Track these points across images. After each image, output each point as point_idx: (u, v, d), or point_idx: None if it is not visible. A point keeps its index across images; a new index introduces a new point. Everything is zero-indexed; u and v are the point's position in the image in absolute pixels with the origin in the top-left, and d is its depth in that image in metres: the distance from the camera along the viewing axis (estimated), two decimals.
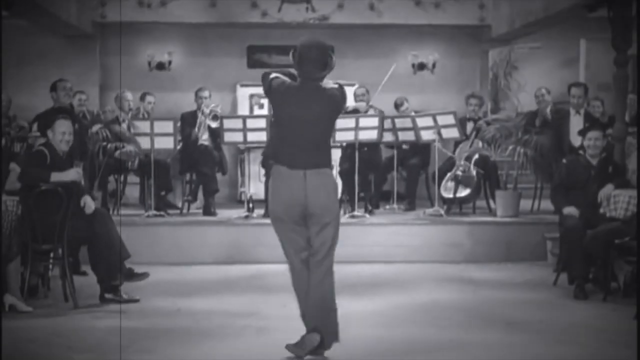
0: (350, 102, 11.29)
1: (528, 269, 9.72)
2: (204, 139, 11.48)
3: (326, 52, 5.89)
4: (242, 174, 12.96)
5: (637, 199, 7.69)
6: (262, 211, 10.85)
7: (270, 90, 5.97)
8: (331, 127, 6.11)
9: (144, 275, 7.85)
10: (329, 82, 5.97)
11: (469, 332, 6.76)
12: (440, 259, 10.16)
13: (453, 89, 14.05)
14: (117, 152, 10.71)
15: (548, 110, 11.50)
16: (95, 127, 10.63)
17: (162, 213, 10.85)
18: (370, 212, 11.10)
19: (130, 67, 14.03)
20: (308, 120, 5.81)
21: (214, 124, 11.28)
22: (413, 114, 11.74)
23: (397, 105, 12.43)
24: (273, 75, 5.99)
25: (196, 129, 11.40)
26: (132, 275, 7.80)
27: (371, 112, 11.34)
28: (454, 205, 11.41)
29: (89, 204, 7.70)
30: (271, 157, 6.03)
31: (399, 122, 11.44)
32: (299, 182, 5.76)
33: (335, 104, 5.94)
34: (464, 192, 11.15)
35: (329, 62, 5.85)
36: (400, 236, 10.35)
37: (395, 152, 11.70)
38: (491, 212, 11.34)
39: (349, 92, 11.46)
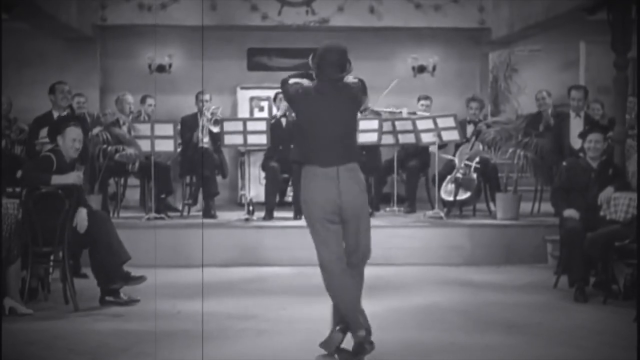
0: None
1: (528, 272, 9.72)
2: (205, 141, 11.49)
3: (345, 54, 5.98)
4: (242, 177, 12.99)
5: (637, 201, 7.68)
6: (262, 214, 10.87)
7: (290, 97, 6.06)
8: (354, 120, 6.18)
9: (141, 279, 7.84)
10: (348, 78, 6.06)
11: (469, 334, 6.77)
12: (440, 261, 10.16)
13: (453, 92, 14.05)
14: (117, 155, 10.72)
15: (549, 112, 11.53)
16: (96, 130, 10.64)
17: (162, 216, 10.86)
18: (371, 215, 11.06)
19: (130, 70, 14.06)
20: (331, 117, 5.89)
21: (215, 129, 11.29)
22: (419, 114, 11.76)
23: (418, 99, 12.43)
24: (292, 81, 6.05)
25: (197, 131, 11.41)
26: (128, 279, 7.79)
27: (370, 115, 11.39)
28: (454, 208, 11.42)
29: (81, 222, 7.66)
30: (298, 159, 6.06)
31: (399, 125, 11.45)
32: (332, 179, 5.81)
33: (353, 97, 6.05)
34: (464, 195, 11.16)
35: (347, 65, 5.96)
36: (400, 238, 10.35)
37: (395, 154, 11.70)
38: (491, 214, 11.35)
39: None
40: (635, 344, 6.10)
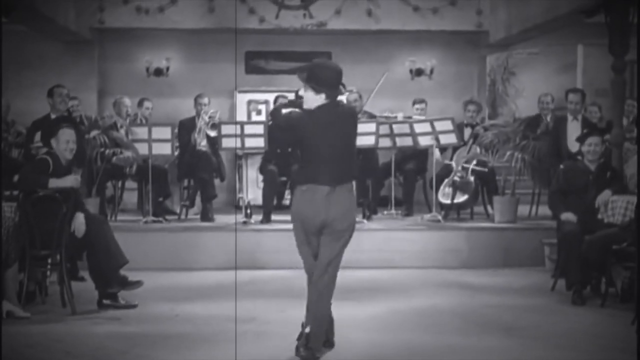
0: None
1: (526, 275, 9.72)
2: (202, 145, 11.49)
3: (341, 75, 6.03)
4: (240, 180, 12.96)
5: (636, 204, 7.67)
6: (259, 217, 10.86)
7: (291, 125, 6.10)
8: (353, 141, 6.25)
9: (138, 284, 7.84)
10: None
11: (466, 337, 6.77)
12: (437, 264, 10.16)
13: (451, 95, 14.07)
14: (114, 158, 10.71)
15: (549, 117, 11.55)
16: (93, 133, 10.63)
17: (160, 219, 10.84)
18: (368, 218, 11.10)
19: (128, 73, 14.07)
20: (333, 138, 5.97)
21: (212, 133, 11.27)
22: (414, 117, 11.76)
23: (413, 102, 12.42)
24: (285, 111, 6.14)
25: (195, 134, 11.40)
26: (125, 284, 7.79)
27: (364, 117, 11.39)
28: (451, 211, 11.42)
29: (79, 227, 7.67)
30: (296, 178, 6.14)
31: (397, 128, 11.45)
32: (323, 196, 5.94)
33: (353, 118, 6.25)
34: (461, 198, 11.15)
35: (342, 84, 6.06)
36: (398, 242, 10.35)
37: (392, 157, 11.69)
38: (489, 217, 11.35)
39: (343, 97, 11.55)
40: (633, 347, 6.12)
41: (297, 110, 6.11)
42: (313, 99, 5.98)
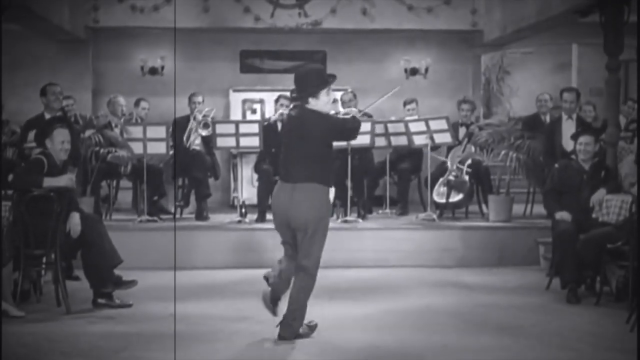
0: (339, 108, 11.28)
1: (520, 274, 9.72)
2: (196, 144, 11.47)
3: (305, 78, 6.49)
4: (235, 179, 12.96)
5: (631, 203, 7.67)
6: (254, 216, 10.85)
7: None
8: (325, 144, 6.51)
9: (132, 283, 7.84)
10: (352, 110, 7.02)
11: (461, 336, 6.77)
12: (433, 263, 10.16)
13: (445, 94, 14.06)
14: (109, 156, 10.69)
15: (548, 116, 11.55)
16: (88, 132, 10.61)
17: (154, 218, 10.84)
18: (363, 217, 11.10)
19: (122, 72, 14.05)
20: (299, 138, 6.42)
21: (204, 133, 11.24)
22: (411, 117, 11.75)
23: (404, 103, 12.38)
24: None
25: (185, 138, 11.36)
26: (120, 283, 7.79)
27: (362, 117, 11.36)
28: (446, 210, 11.42)
29: (75, 227, 7.66)
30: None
31: (392, 127, 11.45)
32: (286, 194, 6.41)
33: (327, 124, 6.47)
34: (456, 197, 11.15)
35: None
36: (393, 241, 10.35)
37: (387, 156, 11.69)
38: (484, 216, 11.35)
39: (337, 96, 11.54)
40: (628, 346, 6.13)
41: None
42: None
